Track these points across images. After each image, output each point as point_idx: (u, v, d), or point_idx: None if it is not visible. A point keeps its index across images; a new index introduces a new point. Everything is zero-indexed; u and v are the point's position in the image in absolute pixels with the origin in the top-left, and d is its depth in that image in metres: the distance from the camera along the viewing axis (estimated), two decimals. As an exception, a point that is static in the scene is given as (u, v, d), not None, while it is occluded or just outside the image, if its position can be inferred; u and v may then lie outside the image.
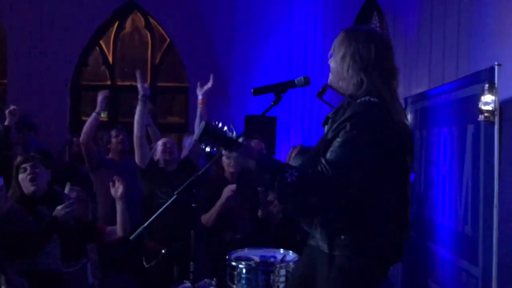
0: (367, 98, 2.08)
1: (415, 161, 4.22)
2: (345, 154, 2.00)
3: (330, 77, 2.22)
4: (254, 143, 4.77)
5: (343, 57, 2.15)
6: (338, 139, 2.04)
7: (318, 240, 2.15)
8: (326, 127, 2.24)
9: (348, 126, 2.03)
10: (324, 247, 2.12)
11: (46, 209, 3.05)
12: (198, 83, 4.20)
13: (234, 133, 2.03)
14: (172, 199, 2.15)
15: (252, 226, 3.96)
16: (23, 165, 3.05)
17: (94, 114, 4.58)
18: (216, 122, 2.01)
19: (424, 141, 4.15)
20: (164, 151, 4.04)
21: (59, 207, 2.93)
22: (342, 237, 2.07)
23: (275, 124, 6.21)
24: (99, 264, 3.83)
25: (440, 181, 3.79)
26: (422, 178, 4.18)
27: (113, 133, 4.73)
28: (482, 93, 2.93)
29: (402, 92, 5.04)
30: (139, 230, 2.19)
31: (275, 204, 4.01)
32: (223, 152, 2.04)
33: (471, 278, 3.12)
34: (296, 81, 2.15)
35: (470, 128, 3.23)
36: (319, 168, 2.01)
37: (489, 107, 2.91)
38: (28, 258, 2.92)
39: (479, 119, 2.98)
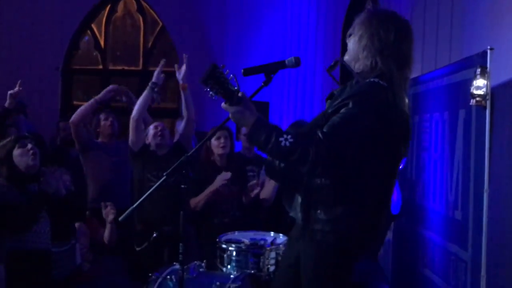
0: (376, 79, 2.06)
1: (403, 153, 4.22)
2: (342, 129, 1.99)
3: (346, 55, 2.20)
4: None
5: (360, 37, 2.12)
6: (339, 115, 2.03)
7: (297, 212, 2.16)
8: (328, 103, 2.23)
9: (350, 103, 2.02)
10: (299, 220, 2.12)
11: (37, 187, 3.03)
12: (176, 65, 4.15)
13: (237, 87, 1.99)
14: (161, 180, 2.13)
15: (241, 210, 3.96)
16: (21, 141, 3.01)
17: (93, 100, 4.54)
18: (224, 67, 1.96)
19: (416, 126, 4.15)
20: (155, 134, 4.02)
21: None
22: (318, 211, 2.08)
23: (268, 109, 6.19)
24: (89, 247, 3.83)
25: (431, 166, 3.80)
26: (414, 163, 4.19)
27: (102, 116, 4.70)
28: (474, 78, 2.92)
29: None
30: (128, 211, 2.17)
31: (263, 190, 4.02)
32: (222, 105, 2.01)
33: (461, 262, 3.15)
34: (286, 62, 2.12)
35: (462, 113, 3.23)
36: (314, 137, 2.00)
37: (480, 92, 2.90)
38: (18, 234, 2.91)
39: (470, 104, 2.98)
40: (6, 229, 2.90)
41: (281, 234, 3.08)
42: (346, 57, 2.20)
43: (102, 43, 8.03)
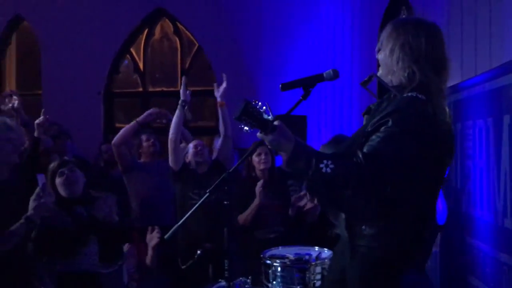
0: (414, 93, 2.02)
1: (449, 164, 4.13)
2: (384, 150, 1.96)
3: (380, 70, 2.17)
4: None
5: (392, 50, 2.09)
6: (379, 134, 1.99)
7: (342, 229, 2.14)
8: (366, 118, 2.21)
9: (390, 121, 1.98)
10: (345, 236, 2.10)
11: (83, 210, 3.11)
12: (215, 85, 4.20)
13: (271, 115, 2.00)
14: (204, 197, 2.15)
15: (285, 225, 3.96)
16: (60, 170, 3.13)
17: (134, 122, 4.65)
18: (256, 102, 1.99)
19: (459, 134, 4.07)
20: (195, 153, 4.09)
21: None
22: (363, 227, 2.05)
23: (305, 123, 6.18)
24: (136, 266, 3.89)
25: (477, 174, 3.71)
26: (458, 172, 4.10)
27: (144, 137, 4.80)
28: (518, 82, 2.86)
29: (434, 85, 4.95)
30: (173, 229, 2.21)
31: (309, 202, 4.01)
32: (258, 134, 2.02)
33: (513, 271, 3.05)
34: (324, 74, 2.13)
35: (507, 119, 3.15)
36: (354, 160, 1.98)
37: (525, 96, 2.83)
38: (67, 258, 2.98)
39: (515, 109, 2.91)
40: (56, 253, 2.98)
41: (325, 249, 3.05)
42: (380, 72, 2.17)
43: (141, 66, 8.22)
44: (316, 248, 3.09)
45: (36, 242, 2.89)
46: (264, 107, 2.01)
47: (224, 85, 4.11)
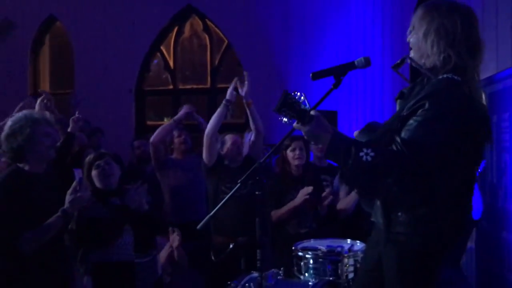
0: (449, 75, 1.99)
1: (486, 149, 4.04)
2: (423, 135, 1.93)
3: (412, 53, 2.12)
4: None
5: (426, 34, 2.04)
6: (416, 118, 1.96)
7: (378, 216, 2.11)
8: (399, 103, 2.17)
9: (427, 104, 1.95)
10: (380, 224, 2.07)
11: (119, 201, 3.16)
12: (237, 82, 4.15)
13: (308, 105, 1.98)
14: (236, 187, 2.15)
15: (317, 221, 3.94)
16: (96, 162, 3.17)
17: (171, 121, 4.73)
18: (296, 93, 1.96)
19: (495, 126, 3.98)
20: (233, 149, 4.10)
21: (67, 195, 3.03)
22: (399, 213, 2.02)
23: (336, 118, 6.13)
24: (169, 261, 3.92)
25: (513, 167, 3.62)
26: (494, 166, 4.01)
27: (176, 133, 4.85)
28: (556, 71, 2.77)
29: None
30: (205, 219, 2.21)
31: (340, 203, 3.98)
32: (295, 125, 2.00)
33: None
34: (356, 62, 2.09)
35: (544, 109, 3.07)
36: (394, 147, 1.96)
37: None
38: (103, 249, 3.03)
39: (553, 98, 2.83)
40: (93, 243, 3.03)
41: (358, 241, 3.02)
42: (412, 54, 2.12)
43: (171, 63, 8.29)
44: (349, 240, 3.06)
45: (73, 233, 2.95)
46: (302, 98, 1.99)
47: (246, 84, 4.09)
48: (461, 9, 2.08)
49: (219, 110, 4.09)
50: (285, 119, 1.96)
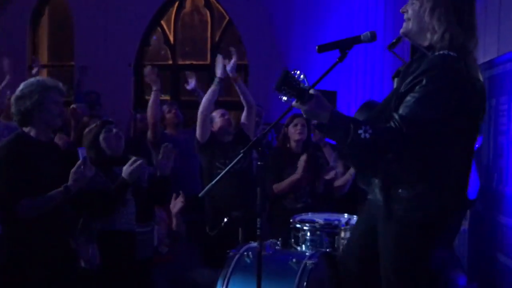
0: (445, 51, 2.01)
1: (483, 131, 4.09)
2: (421, 111, 1.95)
3: (408, 26, 2.12)
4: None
5: (433, 9, 2.04)
6: (414, 94, 1.98)
7: (376, 193, 2.14)
8: (396, 81, 2.19)
9: (424, 80, 1.96)
10: (380, 200, 2.10)
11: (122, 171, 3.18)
12: (219, 56, 4.12)
13: (307, 84, 2.00)
14: (238, 157, 2.18)
15: (313, 197, 4.00)
16: (106, 126, 3.17)
17: (154, 92, 4.63)
18: (295, 71, 1.98)
19: (493, 110, 4.01)
20: (223, 121, 4.12)
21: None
22: (400, 190, 2.05)
23: (336, 98, 6.15)
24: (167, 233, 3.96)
25: (510, 150, 3.66)
26: (491, 148, 4.05)
27: (165, 108, 4.85)
28: (557, 54, 2.80)
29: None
30: (207, 187, 2.24)
31: (338, 180, 4.03)
32: (294, 103, 2.01)
33: (543, 247, 3.02)
34: (362, 36, 2.11)
35: (543, 93, 3.10)
36: (392, 124, 1.97)
37: None
38: (105, 217, 3.06)
39: (553, 82, 2.86)
40: (96, 214, 3.06)
41: (355, 216, 3.07)
42: (409, 27, 2.10)
43: (171, 39, 8.25)
44: (346, 215, 3.11)
45: (74, 203, 2.97)
46: (301, 76, 2.00)
47: (234, 59, 4.07)
48: None
49: (211, 87, 4.09)
50: (284, 98, 1.98)
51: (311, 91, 2.00)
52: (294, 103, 2.02)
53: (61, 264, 2.83)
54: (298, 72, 2.00)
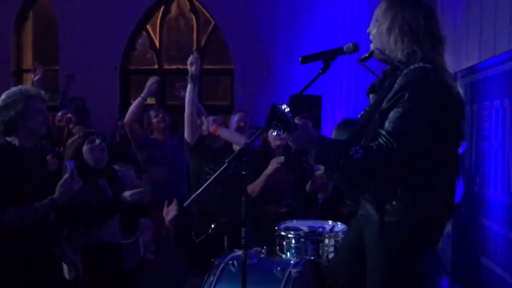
0: (421, 64, 2.05)
1: (466, 136, 4.15)
2: (408, 125, 1.98)
3: (373, 46, 2.17)
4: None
5: (389, 29, 2.10)
6: (398, 109, 2.01)
7: (368, 209, 2.15)
8: (372, 96, 2.22)
9: (406, 95, 2.00)
10: (374, 215, 2.12)
11: (106, 182, 3.17)
12: (191, 56, 4.05)
13: (290, 114, 2.01)
14: (223, 167, 2.19)
15: (297, 200, 3.99)
16: (90, 137, 3.16)
17: (139, 98, 4.68)
18: (281, 105, 1.99)
19: (475, 115, 4.07)
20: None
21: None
22: (394, 203, 2.07)
23: (321, 103, 6.19)
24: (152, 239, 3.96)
25: (492, 155, 3.72)
26: (473, 152, 4.11)
27: (152, 113, 4.86)
28: (536, 62, 2.85)
29: (451, 66, 4.92)
30: (192, 197, 2.26)
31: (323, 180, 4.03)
32: (282, 136, 2.03)
33: (525, 251, 3.08)
34: (344, 48, 2.14)
35: (524, 99, 3.16)
36: (381, 141, 2.00)
37: (543, 76, 2.83)
38: (90, 230, 3.05)
39: (533, 89, 2.91)
40: (79, 226, 3.05)
41: (339, 223, 3.10)
42: (373, 47, 2.17)
43: (157, 43, 8.25)
44: (330, 222, 3.14)
45: (59, 215, 2.96)
46: (287, 108, 2.02)
47: (192, 58, 4.00)
48: (424, 5, 2.14)
49: (188, 87, 4.04)
50: (274, 133, 2.01)
51: (296, 121, 2.02)
52: (282, 135, 2.04)
53: (44, 275, 2.82)
54: (284, 105, 2.01)
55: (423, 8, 2.12)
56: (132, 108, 4.66)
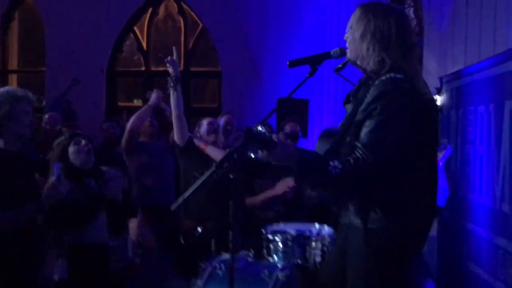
0: (392, 74, 2.05)
1: (451, 141, 4.19)
2: (383, 137, 1.99)
3: (349, 54, 2.18)
4: (289, 126, 4.80)
5: (362, 36, 2.11)
6: (371, 121, 2.02)
7: (352, 217, 2.16)
8: (348, 107, 2.24)
9: (379, 107, 2.01)
10: (358, 223, 2.13)
11: (93, 182, 3.16)
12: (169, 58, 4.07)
13: (268, 134, 2.01)
14: (210, 170, 2.18)
15: (285, 205, 4.01)
16: (76, 138, 3.15)
17: (147, 106, 4.71)
18: (256, 126, 1.99)
19: (460, 120, 4.11)
20: (209, 130, 4.11)
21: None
22: (375, 211, 2.09)
23: (308, 106, 6.22)
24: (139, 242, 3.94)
25: (477, 159, 3.75)
26: (458, 157, 4.14)
27: None
28: (521, 68, 2.89)
29: (437, 71, 4.97)
30: (179, 200, 2.25)
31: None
32: (261, 155, 2.02)
33: (509, 255, 3.10)
34: (331, 53, 2.16)
35: (508, 105, 3.18)
36: (357, 154, 2.01)
37: (528, 82, 2.86)
38: (76, 230, 3.04)
39: (517, 94, 2.94)
40: (66, 226, 3.03)
41: (326, 226, 3.11)
42: (349, 55, 2.18)
43: (144, 45, 8.22)
44: (317, 225, 3.15)
45: (46, 215, 2.93)
46: (263, 129, 2.01)
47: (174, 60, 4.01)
48: (396, 12, 2.15)
49: (171, 90, 4.03)
50: (252, 155, 2.00)
51: (274, 139, 2.02)
52: (261, 154, 2.03)
53: (29, 277, 2.80)
54: (259, 127, 2.00)
55: (395, 15, 2.13)
56: (138, 115, 4.66)
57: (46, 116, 5.13)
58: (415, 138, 2.04)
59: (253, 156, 2.02)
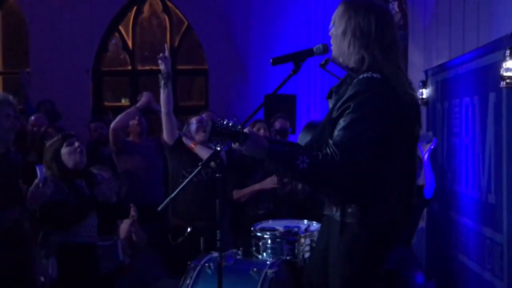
0: (369, 74, 2.06)
1: (437, 133, 4.22)
2: (352, 136, 2.01)
3: (333, 51, 2.20)
4: (279, 122, 4.80)
5: (344, 33, 2.12)
6: (343, 120, 2.04)
7: (332, 209, 2.19)
8: (330, 102, 2.25)
9: (351, 106, 2.03)
10: (337, 215, 2.16)
11: (84, 183, 3.15)
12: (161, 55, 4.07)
13: (239, 126, 2.05)
14: (197, 170, 2.19)
15: (274, 202, 4.02)
16: (68, 139, 3.14)
17: (134, 108, 4.73)
18: (221, 121, 2.03)
19: (446, 112, 4.14)
20: (198, 128, 4.10)
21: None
22: (353, 205, 2.11)
23: (295, 102, 6.22)
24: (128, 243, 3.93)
25: (462, 151, 3.78)
26: (445, 149, 4.17)
27: None
28: (504, 60, 2.90)
29: (422, 64, 5.00)
30: (166, 201, 2.25)
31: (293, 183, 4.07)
32: (234, 146, 2.07)
33: (496, 245, 3.13)
34: (314, 49, 2.16)
35: (492, 96, 3.21)
36: (328, 151, 2.03)
37: (511, 73, 2.88)
38: (65, 230, 3.03)
39: (501, 86, 2.96)
40: (55, 226, 3.02)
41: (314, 222, 3.12)
42: (333, 53, 2.19)
43: (130, 44, 8.17)
44: (305, 221, 3.16)
45: (35, 216, 2.92)
46: (230, 123, 2.04)
47: (166, 57, 3.99)
48: (377, 9, 2.15)
49: (162, 87, 4.03)
50: (217, 147, 2.04)
51: (246, 131, 2.05)
52: (234, 145, 2.08)
53: (17, 278, 2.78)
54: (225, 121, 2.04)
55: (376, 12, 2.13)
56: (123, 115, 4.68)
57: (32, 118, 5.08)
58: (386, 138, 2.05)
59: (218, 149, 2.05)
